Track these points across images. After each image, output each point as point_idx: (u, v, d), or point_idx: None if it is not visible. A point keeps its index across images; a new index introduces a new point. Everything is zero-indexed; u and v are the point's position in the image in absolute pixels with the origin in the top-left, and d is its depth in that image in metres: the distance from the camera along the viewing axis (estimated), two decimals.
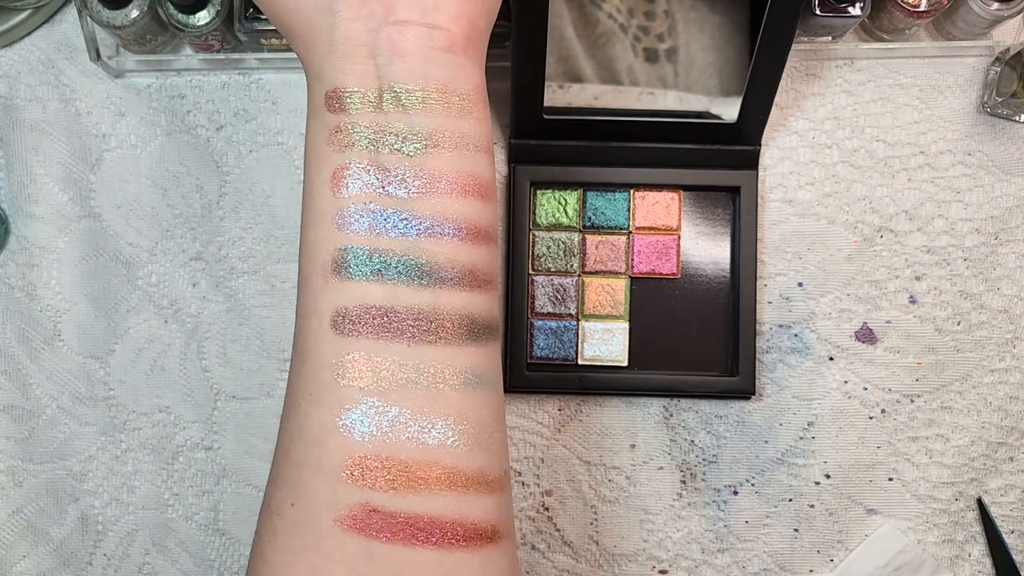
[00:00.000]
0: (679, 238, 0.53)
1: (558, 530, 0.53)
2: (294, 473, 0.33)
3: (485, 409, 0.34)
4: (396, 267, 0.33)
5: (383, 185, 0.34)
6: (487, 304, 0.35)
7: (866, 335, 0.54)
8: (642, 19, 0.49)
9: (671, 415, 0.54)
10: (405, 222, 0.34)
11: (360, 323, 0.33)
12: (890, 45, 0.53)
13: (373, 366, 0.33)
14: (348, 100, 0.34)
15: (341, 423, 0.32)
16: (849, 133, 0.54)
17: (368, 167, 0.34)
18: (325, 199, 0.34)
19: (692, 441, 0.53)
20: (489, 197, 0.36)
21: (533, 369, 0.53)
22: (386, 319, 0.33)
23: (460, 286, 0.34)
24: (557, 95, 0.51)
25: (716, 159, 0.52)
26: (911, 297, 0.54)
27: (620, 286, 0.53)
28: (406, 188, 0.34)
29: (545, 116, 0.50)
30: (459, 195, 0.34)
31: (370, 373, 0.33)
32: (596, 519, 0.53)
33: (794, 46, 0.49)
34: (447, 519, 0.32)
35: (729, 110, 0.50)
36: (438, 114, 0.34)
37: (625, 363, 0.53)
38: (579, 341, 0.53)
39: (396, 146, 0.34)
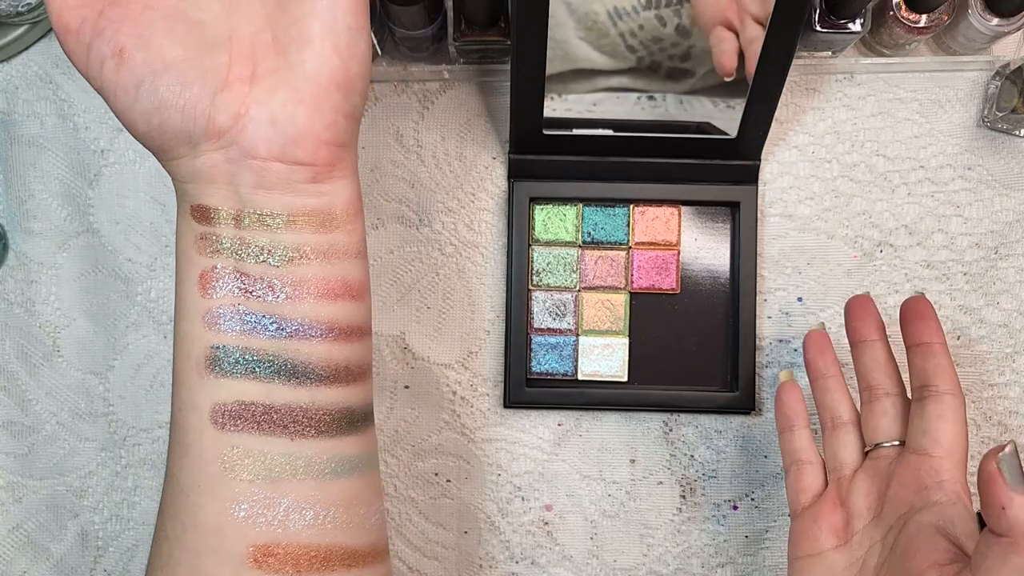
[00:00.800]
0: (679, 253, 0.53)
1: (558, 545, 0.53)
2: (194, 561, 0.34)
3: (370, 488, 0.36)
4: (269, 367, 0.34)
5: (250, 291, 0.34)
6: (364, 394, 0.36)
7: None
8: (652, 37, 0.49)
9: (671, 430, 0.54)
10: (275, 325, 0.34)
11: (240, 419, 0.34)
12: (890, 60, 0.53)
13: (261, 459, 0.34)
14: (213, 215, 0.34)
15: (236, 515, 0.33)
16: (849, 147, 0.54)
17: (234, 273, 0.34)
18: (194, 299, 0.34)
19: (692, 456, 0.54)
20: (361, 295, 0.36)
21: (532, 385, 0.53)
22: (266, 415, 0.34)
23: (337, 383, 0.35)
24: (556, 102, 0.50)
25: (716, 174, 0.52)
26: None
27: (620, 301, 0.53)
28: (274, 294, 0.34)
29: (544, 132, 0.50)
30: (328, 300, 0.35)
31: (258, 466, 0.34)
32: (596, 534, 0.53)
33: (794, 61, 0.49)
34: None
35: (730, 123, 0.50)
36: (304, 232, 0.34)
37: (625, 378, 0.53)
38: (578, 356, 0.53)
39: (262, 258, 0.34)
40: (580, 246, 0.53)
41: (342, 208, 0.35)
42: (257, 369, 0.34)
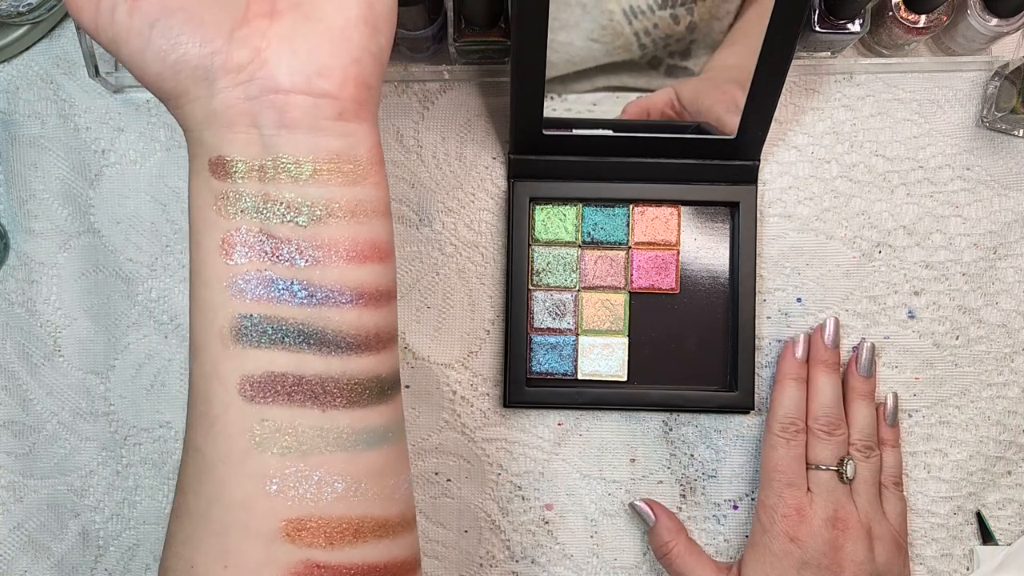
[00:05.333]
0: (678, 253, 0.53)
1: (558, 544, 0.54)
2: (220, 536, 0.33)
3: (398, 458, 0.35)
4: (298, 335, 0.32)
5: (276, 255, 0.32)
6: (392, 361, 0.35)
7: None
8: (664, 35, 0.49)
9: (671, 429, 0.54)
10: (304, 291, 0.32)
11: (270, 391, 0.32)
12: (889, 60, 0.53)
13: (291, 432, 0.32)
14: (233, 168, 0.32)
15: (267, 488, 0.32)
16: (848, 148, 0.54)
17: (259, 235, 0.32)
18: (216, 265, 0.33)
19: (692, 455, 0.54)
20: (388, 257, 0.35)
21: (533, 384, 0.53)
22: (297, 386, 0.32)
23: (368, 350, 0.34)
24: (556, 102, 0.51)
25: (715, 174, 0.53)
26: (909, 312, 0.54)
27: (619, 301, 0.53)
28: (302, 257, 0.32)
29: (544, 132, 0.50)
30: (357, 263, 0.33)
31: (289, 439, 0.32)
32: (596, 532, 0.54)
33: (794, 61, 0.49)
34: (382, 562, 0.34)
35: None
36: (331, 184, 0.33)
37: (624, 378, 0.53)
38: (578, 356, 0.53)
39: (288, 217, 0.32)
40: (580, 246, 0.53)
41: (366, 153, 0.33)
42: (286, 338, 0.32)
